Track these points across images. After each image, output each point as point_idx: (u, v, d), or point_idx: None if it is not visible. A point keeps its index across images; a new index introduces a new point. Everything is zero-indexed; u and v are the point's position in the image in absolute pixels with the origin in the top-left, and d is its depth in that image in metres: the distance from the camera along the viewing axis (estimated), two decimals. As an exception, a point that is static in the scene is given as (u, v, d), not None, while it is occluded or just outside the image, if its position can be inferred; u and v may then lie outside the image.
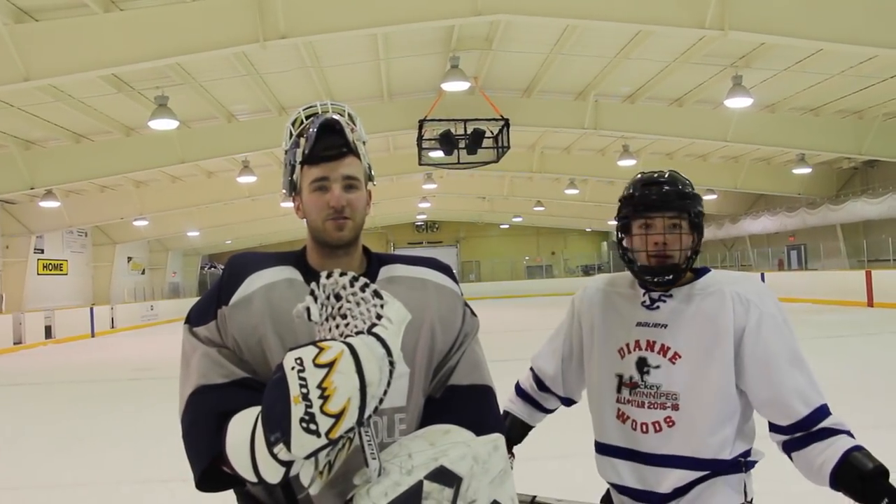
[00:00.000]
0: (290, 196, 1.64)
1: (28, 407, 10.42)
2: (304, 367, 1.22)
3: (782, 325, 1.89)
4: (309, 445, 1.20)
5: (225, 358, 1.51)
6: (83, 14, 9.91)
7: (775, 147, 19.67)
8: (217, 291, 1.59)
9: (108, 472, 6.36)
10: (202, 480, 1.43)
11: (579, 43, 12.96)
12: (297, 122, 1.61)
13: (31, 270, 23.52)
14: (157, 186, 23.34)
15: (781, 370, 1.84)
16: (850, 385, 8.71)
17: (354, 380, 1.21)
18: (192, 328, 1.58)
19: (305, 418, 1.19)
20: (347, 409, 1.20)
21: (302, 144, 1.56)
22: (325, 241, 1.59)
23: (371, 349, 1.25)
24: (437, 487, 1.31)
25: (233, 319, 1.53)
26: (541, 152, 22.78)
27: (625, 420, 1.95)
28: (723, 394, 1.86)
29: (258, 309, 1.53)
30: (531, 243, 45.75)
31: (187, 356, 1.56)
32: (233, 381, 1.48)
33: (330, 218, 1.56)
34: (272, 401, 1.23)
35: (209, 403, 1.45)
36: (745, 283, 1.93)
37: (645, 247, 1.91)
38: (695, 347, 1.88)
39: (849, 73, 14.49)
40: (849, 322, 16.93)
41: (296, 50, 12.13)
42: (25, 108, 13.91)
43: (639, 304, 1.98)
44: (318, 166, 1.56)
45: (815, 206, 25.15)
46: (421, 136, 14.74)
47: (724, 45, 12.28)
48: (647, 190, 1.92)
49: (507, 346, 14.83)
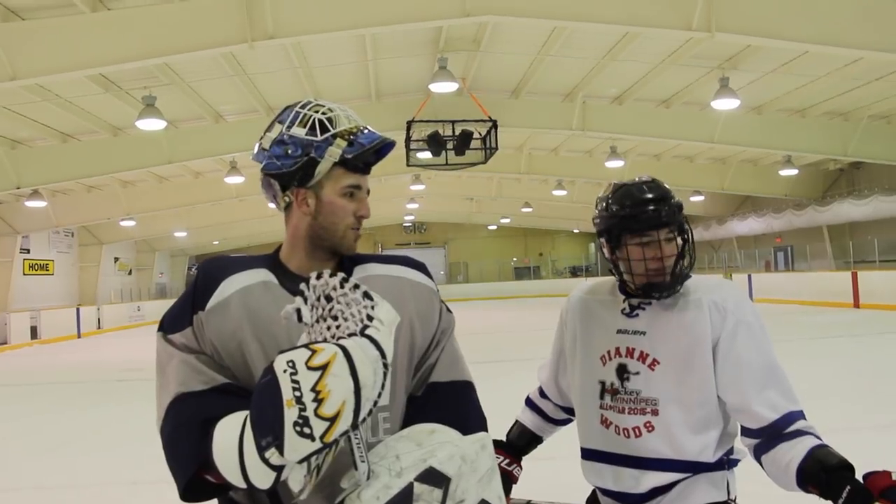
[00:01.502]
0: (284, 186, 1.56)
1: (13, 408, 10.37)
2: (296, 370, 1.20)
3: (758, 332, 1.91)
4: (303, 449, 1.19)
5: (204, 364, 1.48)
6: (71, 13, 9.86)
7: (762, 149, 19.79)
8: (191, 297, 1.55)
9: (95, 474, 6.33)
10: (186, 490, 1.40)
11: (567, 44, 13.00)
12: (335, 120, 1.53)
13: (16, 270, 23.38)
14: (145, 187, 23.25)
15: (752, 378, 1.86)
16: (837, 386, 8.78)
17: (349, 382, 1.20)
18: (166, 335, 1.55)
19: (299, 422, 1.17)
20: (342, 412, 1.19)
21: (340, 145, 1.51)
22: (338, 247, 1.58)
23: (365, 351, 1.23)
24: (426, 489, 1.31)
25: (210, 324, 1.50)
26: (529, 153, 22.83)
27: (608, 425, 1.97)
28: (703, 400, 1.89)
29: (235, 313, 1.51)
30: (519, 244, 45.83)
31: (163, 364, 1.52)
32: (213, 387, 1.45)
33: (354, 227, 1.58)
34: (263, 404, 1.21)
35: (190, 411, 1.42)
36: (722, 290, 1.94)
37: (644, 266, 1.91)
38: (673, 355, 1.90)
39: (835, 76, 14.59)
40: (835, 323, 17.04)
41: (284, 50, 12.11)
42: (12, 108, 13.83)
43: (618, 312, 2.01)
44: (355, 174, 1.56)
45: (802, 207, 25.29)
46: (409, 137, 14.73)
47: (711, 46, 12.34)
48: (645, 209, 1.91)
49: (496, 347, 14.90)
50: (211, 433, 1.31)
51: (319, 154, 1.51)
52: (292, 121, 1.53)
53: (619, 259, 1.97)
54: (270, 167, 1.54)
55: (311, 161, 1.51)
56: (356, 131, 1.54)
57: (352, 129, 1.53)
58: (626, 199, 1.94)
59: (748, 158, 23.95)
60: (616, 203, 1.96)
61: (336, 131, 1.52)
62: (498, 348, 14.64)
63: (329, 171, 1.54)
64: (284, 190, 1.56)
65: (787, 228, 27.03)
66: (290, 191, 1.56)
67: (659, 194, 1.93)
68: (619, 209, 1.94)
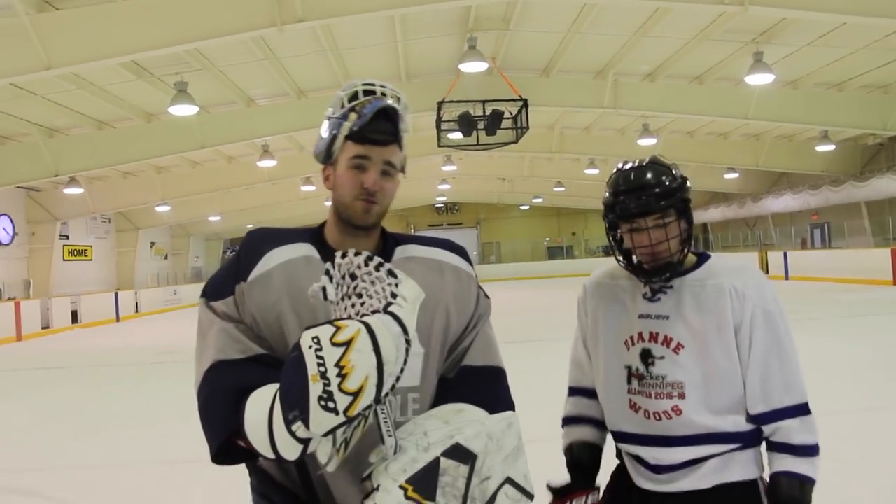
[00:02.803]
0: (323, 164, 1.65)
1: (56, 390, 10.60)
2: (321, 346, 1.23)
3: (777, 320, 1.90)
4: (327, 423, 1.22)
5: (242, 333, 1.51)
6: (103, 2, 9.99)
7: (798, 124, 19.47)
8: (235, 267, 1.59)
9: (133, 454, 6.47)
10: (218, 454, 1.45)
11: (597, 21, 12.86)
12: (352, 95, 1.58)
13: (56, 256, 23.80)
14: (179, 172, 23.51)
15: (760, 366, 1.88)
16: (875, 364, 8.66)
17: (372, 358, 1.22)
18: (209, 302, 1.58)
19: (324, 396, 1.21)
20: (365, 386, 1.22)
21: (352, 119, 1.55)
22: (350, 219, 1.60)
23: (387, 327, 1.26)
24: (453, 464, 1.33)
25: (251, 296, 1.54)
26: (560, 132, 22.68)
27: (637, 410, 1.96)
28: (729, 383, 1.89)
29: (277, 286, 1.54)
30: (552, 224, 45.64)
31: (204, 330, 1.56)
32: (250, 357, 1.48)
33: (360, 198, 1.58)
34: (290, 379, 1.24)
35: (226, 379, 1.45)
36: (743, 275, 1.93)
37: (644, 243, 1.92)
38: (697, 338, 1.90)
39: (874, 47, 14.28)
40: (874, 300, 16.78)
41: (313, 33, 12.13)
42: (48, 97, 14.05)
43: (639, 296, 2.00)
44: (363, 145, 1.57)
45: (839, 183, 24.84)
46: (440, 117, 14.71)
47: (745, 20, 12.13)
48: (625, 198, 1.91)
49: (529, 327, 14.90)
50: (244, 403, 1.36)
51: (337, 130, 1.57)
52: (333, 103, 1.60)
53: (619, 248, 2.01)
54: (314, 150, 1.65)
55: (334, 138, 1.58)
56: (366, 103, 1.56)
57: (364, 102, 1.56)
58: (613, 186, 1.96)
59: (783, 134, 23.57)
60: (608, 190, 1.97)
61: (351, 105, 1.56)
62: (531, 327, 14.64)
63: (343, 146, 1.58)
64: (324, 169, 1.65)
65: (823, 205, 26.58)
66: (324, 169, 1.65)
67: (642, 181, 1.91)
68: (608, 197, 1.97)
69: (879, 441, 5.46)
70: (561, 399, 2.24)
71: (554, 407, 2.32)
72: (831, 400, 6.77)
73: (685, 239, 1.94)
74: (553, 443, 2.28)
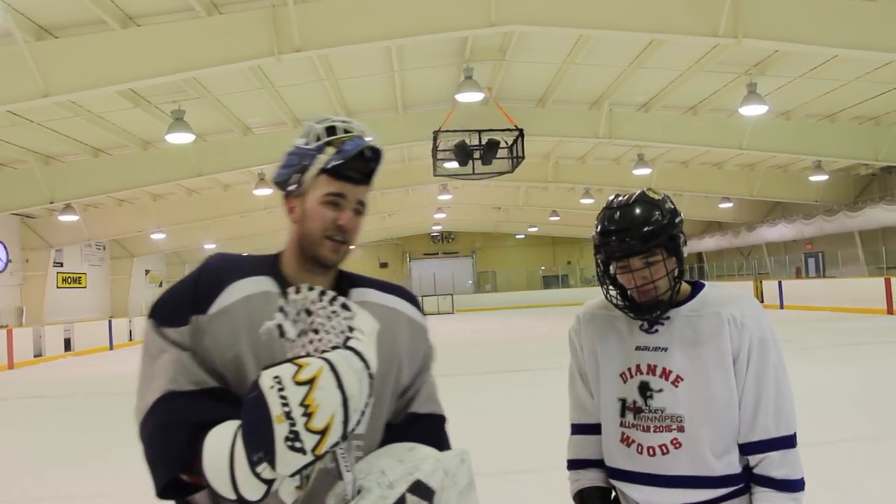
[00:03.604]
0: (285, 193, 1.59)
1: (48, 419, 10.51)
2: (283, 386, 1.21)
3: (772, 349, 1.89)
4: (295, 463, 1.21)
5: (196, 364, 1.47)
6: (101, 30, 10.06)
7: (791, 154, 19.60)
8: (192, 294, 1.53)
9: (126, 485, 6.39)
10: (165, 488, 1.41)
11: (592, 53, 12.99)
12: (332, 129, 1.54)
13: (50, 284, 23.73)
14: (174, 199, 23.53)
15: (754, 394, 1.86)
16: (870, 392, 8.65)
17: (337, 395, 1.22)
18: (159, 327, 1.52)
19: (290, 437, 1.19)
20: (332, 424, 1.21)
21: (329, 153, 1.51)
22: (316, 255, 1.56)
23: (349, 363, 1.25)
24: (415, 500, 1.34)
25: (210, 331, 1.49)
26: (555, 162, 22.79)
27: (629, 444, 1.93)
28: (728, 415, 1.86)
29: (237, 323, 1.50)
30: (547, 253, 45.70)
31: (152, 356, 1.50)
32: (204, 389, 1.44)
33: (330, 236, 1.54)
34: (253, 420, 1.22)
35: (178, 412, 1.40)
36: (740, 303, 1.91)
37: (630, 284, 1.91)
38: (696, 370, 1.87)
39: (865, 79, 14.44)
40: (868, 329, 16.78)
41: (310, 63, 12.22)
42: (45, 124, 14.08)
43: (636, 328, 1.96)
44: (339, 182, 1.53)
45: (833, 213, 24.97)
46: (436, 147, 14.78)
47: (738, 52, 12.27)
48: (610, 240, 1.89)
49: (525, 356, 14.86)
50: (200, 440, 1.31)
51: (310, 162, 1.53)
52: (303, 134, 1.57)
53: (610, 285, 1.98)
54: (275, 176, 1.59)
55: (303, 169, 1.54)
56: (346, 139, 1.53)
57: (344, 138, 1.53)
58: (600, 225, 1.93)
59: (777, 164, 23.72)
60: (596, 228, 1.95)
61: (328, 139, 1.52)
62: (527, 357, 14.60)
63: (316, 179, 1.53)
64: (286, 198, 1.60)
65: (817, 234, 26.67)
66: (287, 199, 1.59)
67: (627, 222, 1.87)
68: (595, 236, 1.94)
69: (875, 470, 5.43)
70: (559, 428, 2.20)
71: (551, 437, 2.30)
72: (827, 429, 6.75)
73: (676, 277, 1.90)
74: (552, 472, 2.26)
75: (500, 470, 5.92)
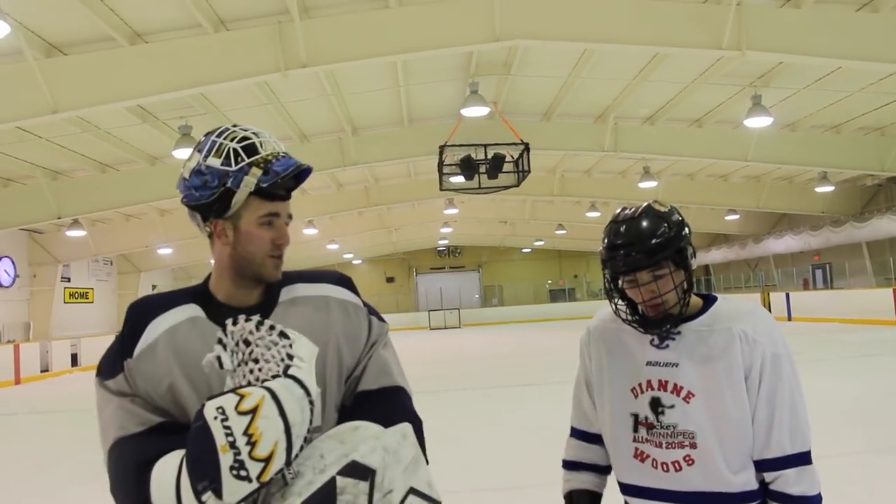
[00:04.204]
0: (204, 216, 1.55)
1: (55, 435, 10.53)
2: (227, 416, 1.24)
3: (785, 364, 1.86)
4: (240, 491, 1.24)
5: (139, 406, 1.48)
6: (110, 47, 10.14)
7: (797, 166, 19.59)
8: (120, 343, 1.54)
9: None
10: None
11: (597, 66, 13.03)
12: (250, 147, 1.51)
13: (57, 299, 23.79)
14: (181, 215, 23.50)
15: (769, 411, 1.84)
16: (881, 405, 8.60)
17: (279, 423, 1.26)
18: (102, 381, 1.53)
19: (235, 466, 1.22)
20: (276, 452, 1.25)
21: (256, 174, 1.48)
22: (260, 275, 1.56)
23: (290, 391, 1.29)
24: (351, 482, 1.33)
25: (139, 371, 1.49)
26: (561, 175, 22.81)
27: (643, 459, 1.91)
28: (740, 433, 1.85)
29: (163, 357, 1.50)
30: (553, 267, 45.65)
31: (101, 410, 1.53)
32: (150, 427, 1.46)
33: (272, 255, 1.55)
34: (198, 451, 1.25)
35: (128, 455, 1.43)
36: (752, 318, 1.89)
37: (638, 298, 1.90)
38: (708, 386, 1.86)
39: (869, 90, 14.44)
40: (878, 341, 16.70)
41: (317, 78, 12.29)
42: (53, 140, 14.17)
43: (647, 343, 1.94)
44: (272, 202, 1.53)
45: (840, 224, 24.89)
46: (441, 161, 14.81)
47: (743, 65, 12.30)
48: (615, 255, 1.88)
49: (532, 370, 14.84)
50: (148, 475, 1.35)
51: (235, 184, 1.48)
52: (209, 150, 1.51)
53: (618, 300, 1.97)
54: (190, 198, 1.53)
55: (228, 191, 1.49)
56: (271, 158, 1.51)
57: (267, 157, 1.51)
58: (606, 239, 1.92)
59: (783, 176, 23.70)
60: (602, 242, 1.94)
61: (251, 160, 1.49)
62: (535, 370, 14.57)
63: (246, 201, 1.51)
64: (205, 220, 1.55)
65: (824, 246, 26.59)
66: (209, 221, 1.55)
67: (632, 236, 1.86)
68: (602, 251, 1.93)
69: (887, 483, 5.41)
70: (564, 443, 2.21)
71: (558, 451, 2.28)
72: (838, 442, 6.72)
73: (685, 289, 1.88)
74: (557, 486, 2.25)
75: (508, 485, 5.91)
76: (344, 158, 16.10)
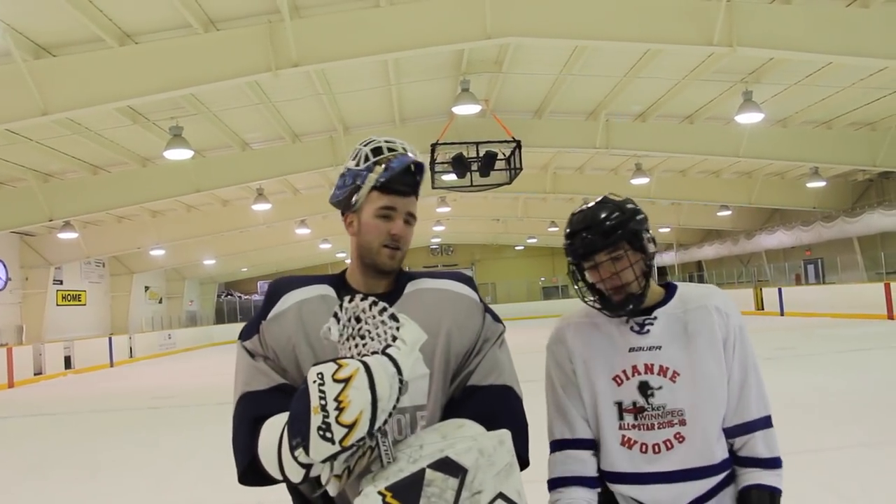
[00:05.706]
0: (343, 212, 1.79)
1: (49, 437, 10.49)
2: (324, 381, 1.36)
3: (747, 334, 2.00)
4: (324, 451, 1.34)
5: (266, 366, 1.70)
6: (99, 48, 10.09)
7: (788, 161, 19.65)
8: (261, 310, 1.77)
9: (128, 500, 6.39)
10: (244, 475, 1.61)
11: (588, 63, 13.03)
12: (377, 149, 1.72)
13: (50, 301, 23.71)
14: (173, 216, 23.55)
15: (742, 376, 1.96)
16: (873, 398, 8.63)
17: (367, 394, 1.35)
18: (242, 342, 1.76)
19: (322, 427, 1.33)
20: (359, 420, 1.34)
21: (378, 171, 1.70)
22: (376, 264, 1.75)
23: (384, 368, 1.38)
24: (440, 476, 1.41)
25: (269, 332, 1.72)
26: (553, 173, 22.83)
27: (631, 445, 1.95)
28: (722, 399, 1.94)
29: (291, 322, 1.71)
30: (546, 264, 45.70)
31: (237, 367, 1.75)
32: (272, 387, 1.66)
33: (386, 245, 1.74)
34: (296, 410, 1.39)
35: (250, 409, 1.64)
36: (719, 296, 2.02)
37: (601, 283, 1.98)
38: (692, 363, 1.93)
39: (860, 86, 14.48)
40: (869, 335, 16.76)
41: (308, 77, 12.26)
42: (43, 142, 14.12)
43: (627, 330, 2.01)
44: (389, 196, 1.72)
45: (831, 219, 25.00)
46: (433, 159, 14.81)
47: (734, 61, 12.32)
48: (573, 240, 1.99)
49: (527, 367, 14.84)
50: (260, 429, 1.55)
51: (362, 181, 1.72)
52: (352, 157, 1.75)
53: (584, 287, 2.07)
54: (332, 198, 1.80)
55: (356, 188, 1.73)
56: (392, 158, 1.71)
57: (389, 157, 1.71)
58: (566, 228, 2.04)
59: (775, 171, 23.76)
60: (565, 231, 2.05)
61: (376, 159, 1.71)
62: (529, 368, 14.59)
63: (368, 195, 1.73)
64: (343, 216, 1.80)
65: (816, 241, 26.71)
66: (345, 216, 1.80)
67: (587, 221, 1.97)
68: (564, 241, 2.05)
69: (879, 476, 5.42)
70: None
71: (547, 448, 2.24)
72: (831, 435, 6.74)
73: (644, 270, 1.96)
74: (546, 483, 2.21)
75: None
76: (336, 157, 16.05)
